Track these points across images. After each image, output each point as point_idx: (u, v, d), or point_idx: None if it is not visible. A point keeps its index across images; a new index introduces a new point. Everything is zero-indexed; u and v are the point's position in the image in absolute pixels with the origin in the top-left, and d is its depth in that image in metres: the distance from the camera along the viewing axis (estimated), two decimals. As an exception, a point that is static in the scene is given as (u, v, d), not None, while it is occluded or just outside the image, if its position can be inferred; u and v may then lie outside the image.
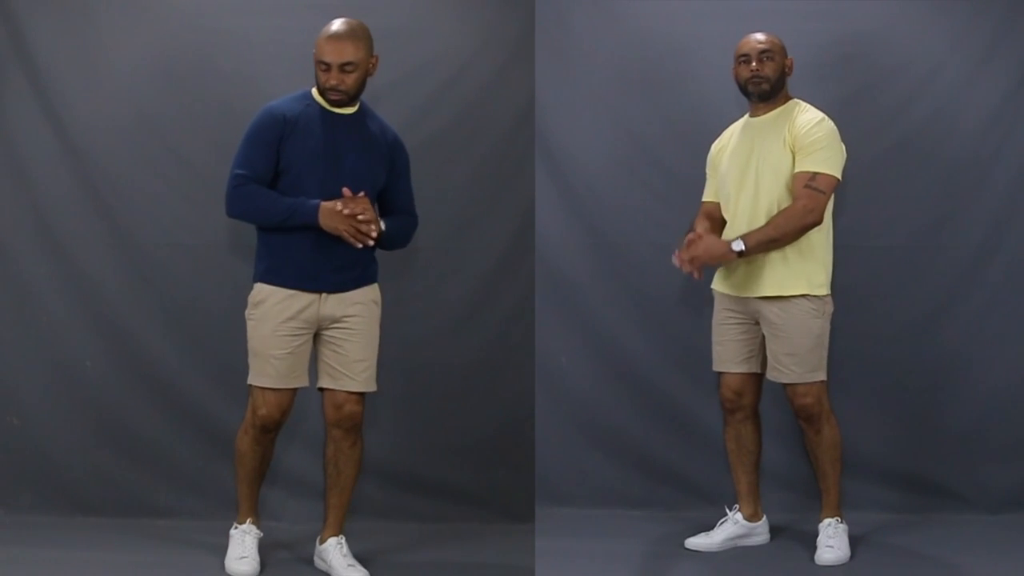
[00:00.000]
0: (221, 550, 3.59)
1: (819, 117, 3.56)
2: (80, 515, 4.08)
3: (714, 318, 3.78)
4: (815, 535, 3.65)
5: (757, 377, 3.74)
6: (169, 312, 4.17)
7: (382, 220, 3.43)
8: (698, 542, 3.77)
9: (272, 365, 3.38)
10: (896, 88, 4.15)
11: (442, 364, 4.23)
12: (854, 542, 3.67)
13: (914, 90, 4.15)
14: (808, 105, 3.63)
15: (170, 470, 4.16)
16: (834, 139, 3.53)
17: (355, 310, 3.44)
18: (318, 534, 3.57)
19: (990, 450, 4.14)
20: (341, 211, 3.32)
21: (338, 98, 3.37)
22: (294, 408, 3.50)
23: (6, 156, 4.15)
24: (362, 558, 3.53)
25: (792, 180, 3.53)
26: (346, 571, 3.43)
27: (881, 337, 4.16)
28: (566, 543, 3.82)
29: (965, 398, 4.17)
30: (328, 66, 3.33)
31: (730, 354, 3.73)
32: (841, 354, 4.06)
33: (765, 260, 3.56)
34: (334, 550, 3.48)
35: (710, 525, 3.83)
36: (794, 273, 3.54)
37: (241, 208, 3.39)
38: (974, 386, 4.16)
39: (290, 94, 3.47)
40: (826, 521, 3.64)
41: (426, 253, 4.21)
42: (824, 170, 3.49)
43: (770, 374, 3.65)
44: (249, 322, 3.43)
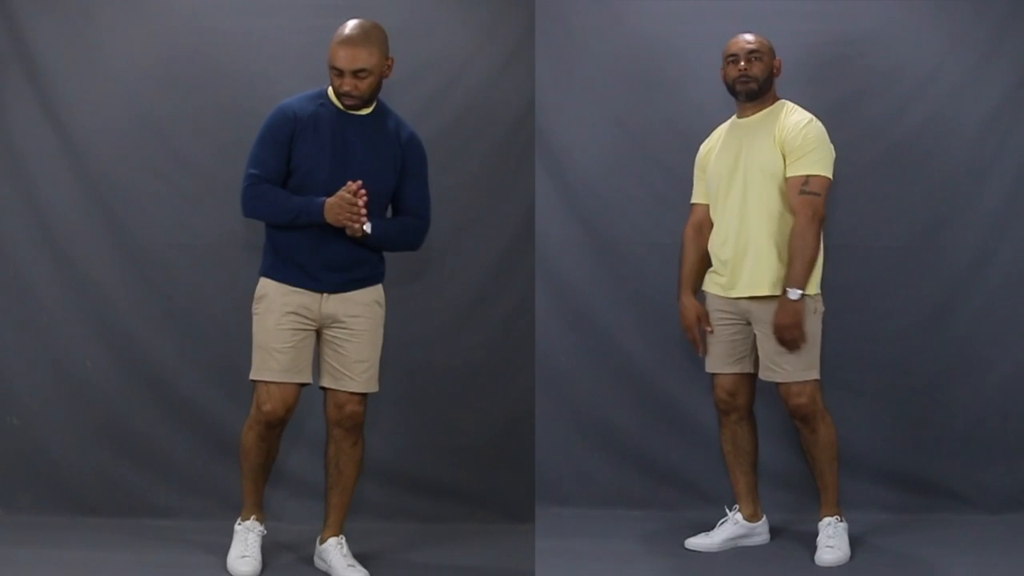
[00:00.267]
0: (221, 550, 3.59)
1: (808, 118, 3.56)
2: (80, 515, 4.07)
3: (707, 319, 3.78)
4: (815, 535, 3.65)
5: (750, 377, 3.74)
6: (170, 312, 4.17)
7: (369, 222, 3.34)
8: (698, 542, 3.77)
9: (275, 359, 3.37)
10: (896, 88, 4.15)
11: (442, 364, 4.23)
12: (854, 542, 3.66)
13: (914, 90, 4.15)
14: (796, 106, 3.63)
15: (170, 470, 4.16)
16: (823, 140, 3.54)
17: (357, 311, 3.43)
18: (318, 534, 3.57)
19: (990, 450, 4.15)
20: (339, 200, 3.28)
21: (352, 103, 3.35)
22: (297, 407, 3.50)
23: (6, 156, 4.15)
24: (362, 558, 3.53)
25: (786, 185, 3.54)
26: (346, 571, 3.44)
27: (881, 337, 4.16)
28: (566, 543, 3.82)
29: (965, 398, 4.17)
30: (341, 72, 3.29)
31: (722, 355, 3.73)
32: (841, 354, 4.06)
33: (755, 260, 3.57)
34: (334, 550, 3.49)
35: (710, 525, 3.83)
36: (781, 272, 3.54)
37: (253, 208, 3.39)
38: (974, 386, 4.16)
39: (306, 91, 3.45)
40: (826, 520, 3.64)
41: (426, 253, 4.19)
42: (816, 172, 3.50)
43: (763, 374, 3.64)
44: (254, 316, 3.43)
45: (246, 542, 3.50)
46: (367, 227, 3.32)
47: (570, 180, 4.28)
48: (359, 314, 3.43)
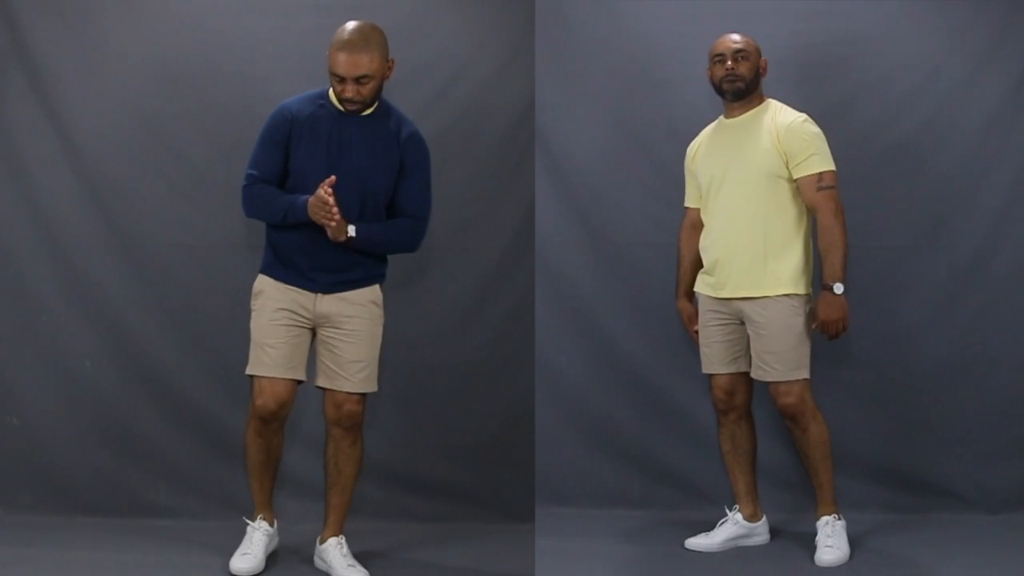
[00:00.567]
0: (221, 550, 3.59)
1: (801, 117, 3.58)
2: (80, 515, 4.07)
3: (699, 320, 3.79)
4: (815, 535, 3.64)
5: (747, 376, 3.73)
6: (169, 312, 4.17)
7: (352, 225, 3.31)
8: (698, 542, 3.77)
9: (267, 354, 3.39)
10: (896, 88, 4.15)
11: (442, 364, 4.23)
12: (853, 542, 3.66)
13: (914, 90, 4.15)
14: (783, 105, 3.65)
15: (170, 470, 4.16)
16: (820, 135, 3.58)
17: (351, 311, 3.42)
18: (318, 534, 3.57)
19: (990, 450, 4.15)
20: (315, 198, 3.25)
21: (354, 108, 3.34)
22: (295, 407, 3.50)
23: (6, 156, 4.15)
24: (362, 558, 3.53)
25: (798, 185, 3.55)
26: (346, 571, 3.44)
27: (881, 337, 4.16)
28: (566, 543, 3.82)
29: (965, 398, 4.17)
30: (343, 79, 3.27)
31: (717, 356, 3.74)
32: (841, 354, 4.07)
33: (747, 260, 3.57)
34: (334, 550, 3.49)
35: (710, 525, 3.83)
36: (774, 272, 3.56)
37: (248, 208, 3.42)
38: (974, 386, 4.16)
39: (308, 91, 3.45)
40: (823, 519, 3.64)
41: (426, 253, 4.19)
42: (826, 167, 3.54)
43: (754, 373, 3.65)
44: (252, 312, 3.45)
45: (251, 541, 3.50)
46: (351, 230, 3.31)
47: (570, 180, 4.28)
48: (353, 314, 3.42)
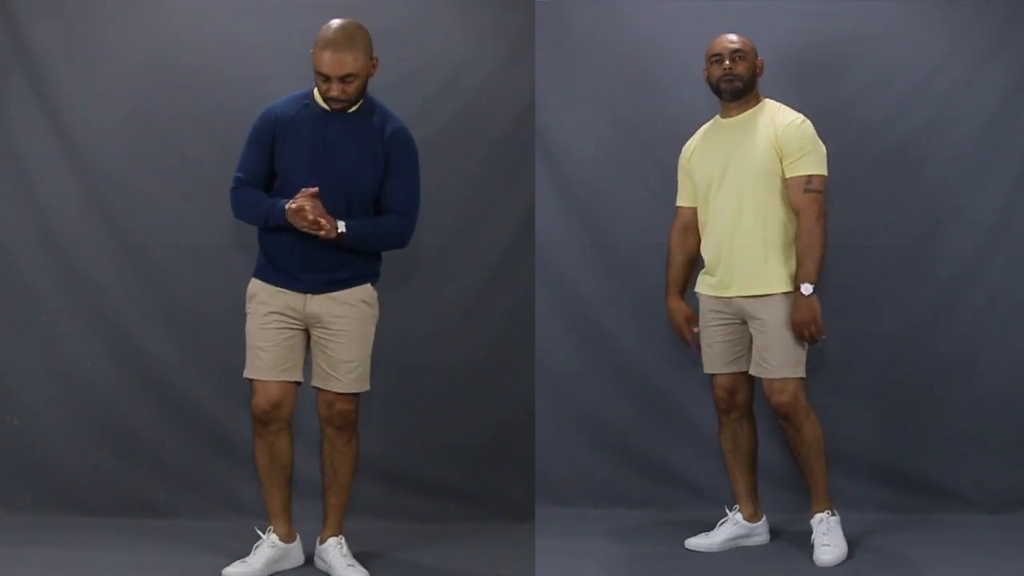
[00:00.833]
0: (221, 550, 3.60)
1: (800, 118, 3.58)
2: (80, 515, 4.07)
3: (700, 321, 3.78)
4: (811, 533, 3.65)
5: (748, 376, 3.72)
6: (169, 312, 4.17)
7: (342, 222, 3.29)
8: (698, 542, 3.76)
9: (259, 357, 3.40)
10: (896, 88, 4.15)
11: (442, 364, 4.23)
12: (854, 542, 3.66)
13: (914, 90, 4.15)
14: (782, 105, 3.64)
15: (170, 470, 4.16)
16: (817, 139, 3.57)
17: (341, 311, 3.40)
18: (318, 534, 3.57)
19: (990, 450, 4.15)
20: (296, 206, 3.25)
21: (340, 107, 3.34)
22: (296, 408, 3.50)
23: (6, 156, 4.15)
24: (362, 558, 3.53)
25: (786, 184, 3.54)
26: (346, 571, 3.44)
27: (881, 337, 4.16)
28: (566, 543, 3.82)
29: (965, 398, 4.17)
30: (328, 78, 3.27)
31: (719, 355, 3.73)
32: (841, 354, 4.06)
33: (749, 259, 3.57)
34: (334, 550, 3.49)
35: (710, 525, 3.83)
36: (774, 270, 3.55)
37: (235, 211, 3.44)
38: (974, 386, 4.16)
39: (293, 92, 3.46)
40: (818, 516, 3.64)
41: (426, 253, 4.21)
42: (817, 171, 3.53)
43: (753, 369, 3.64)
44: (246, 316, 3.45)
45: (254, 550, 3.49)
46: (341, 227, 3.29)
47: (570, 180, 4.28)
48: (343, 314, 3.40)
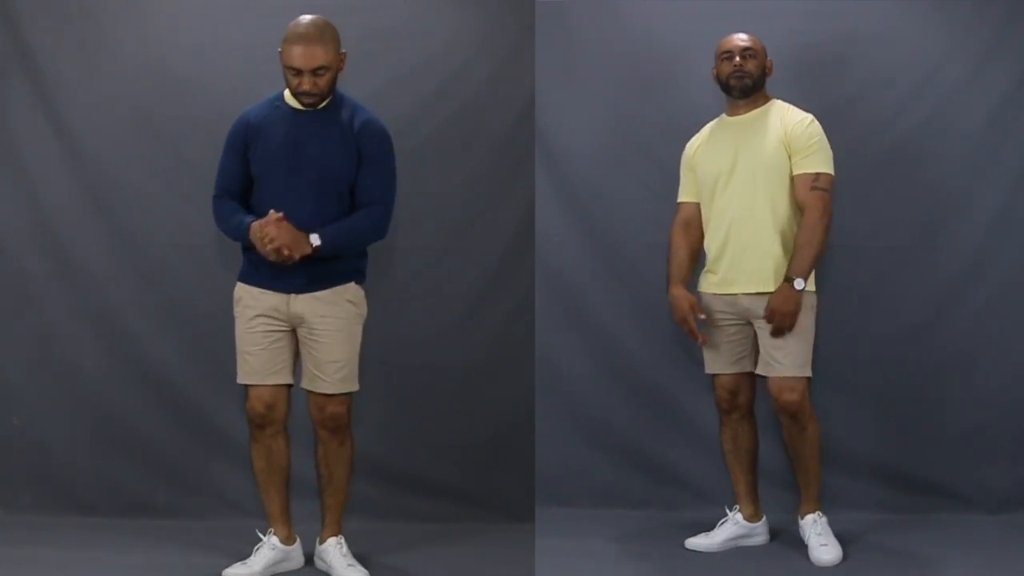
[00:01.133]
0: (221, 550, 3.60)
1: (809, 117, 3.58)
2: (80, 515, 4.08)
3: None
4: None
5: (751, 376, 3.73)
6: (169, 312, 4.17)
7: (315, 235, 3.26)
8: (698, 542, 3.77)
9: (247, 361, 3.41)
10: (896, 88, 4.15)
11: (442, 364, 4.22)
12: (853, 542, 3.67)
13: (914, 90, 4.15)
14: (790, 105, 3.64)
15: (170, 470, 4.16)
16: (824, 138, 3.58)
17: (325, 311, 3.38)
18: (317, 534, 3.57)
19: (990, 450, 4.14)
20: (254, 232, 3.28)
21: (311, 101, 3.33)
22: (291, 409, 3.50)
23: (6, 156, 4.15)
24: (362, 558, 3.53)
25: (794, 181, 3.54)
26: (346, 571, 3.44)
27: (880, 337, 4.16)
28: (566, 543, 3.82)
29: (965, 398, 4.16)
30: (299, 72, 3.27)
31: (723, 355, 3.72)
32: (841, 354, 4.06)
33: (758, 256, 3.56)
34: (333, 550, 3.49)
35: (710, 525, 3.83)
36: (783, 269, 3.53)
37: (216, 223, 3.47)
38: (974, 386, 4.16)
39: (268, 95, 3.46)
40: (809, 517, 3.65)
41: (426, 253, 4.21)
42: (824, 169, 3.53)
43: (761, 369, 3.63)
44: (235, 320, 3.47)
45: (255, 552, 3.49)
46: (314, 240, 3.28)
47: (570, 180, 4.28)
48: (327, 314, 3.38)
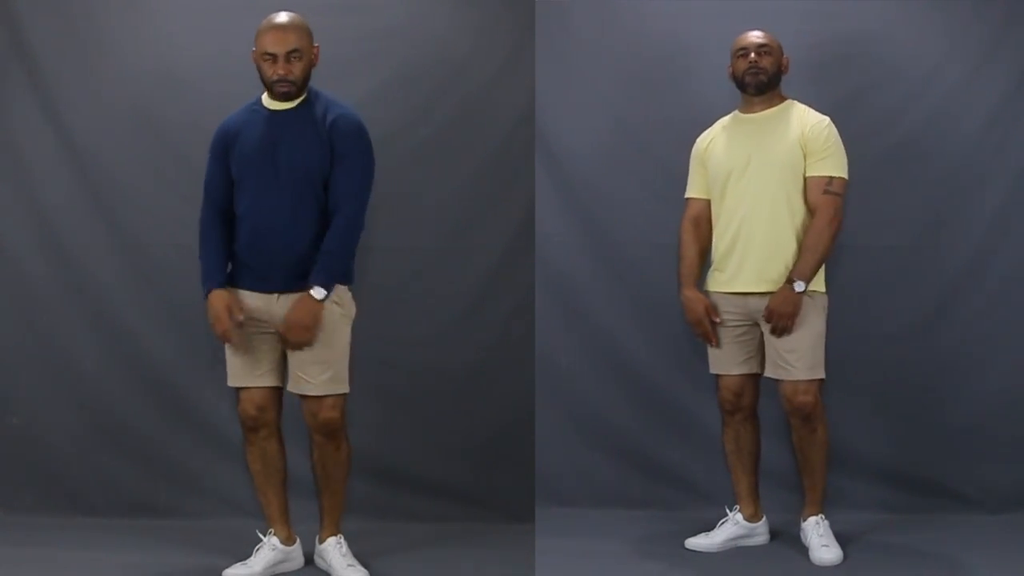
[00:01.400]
0: (221, 550, 3.60)
1: (827, 120, 3.57)
2: (80, 515, 4.08)
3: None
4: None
5: (756, 378, 3.72)
6: (169, 312, 4.17)
7: (316, 289, 3.24)
8: (698, 542, 3.76)
9: (232, 363, 3.42)
10: (896, 88, 4.15)
11: (442, 364, 4.22)
12: (854, 542, 3.67)
13: (914, 90, 4.15)
14: (807, 107, 3.63)
15: (170, 470, 4.16)
16: (840, 142, 3.57)
17: None
18: (316, 533, 3.56)
19: (990, 449, 4.14)
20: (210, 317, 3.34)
21: (287, 89, 3.32)
22: (287, 408, 3.49)
23: (6, 156, 4.15)
24: (362, 558, 3.53)
25: (807, 183, 3.54)
26: (346, 571, 3.43)
27: (881, 337, 4.16)
28: (566, 543, 3.82)
29: (965, 398, 4.16)
30: (274, 56, 3.28)
31: (729, 356, 3.71)
32: (841, 354, 4.05)
33: (765, 255, 3.55)
34: (333, 550, 3.48)
35: (710, 525, 3.83)
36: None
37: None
38: (974, 386, 4.16)
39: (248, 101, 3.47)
40: (812, 519, 3.65)
41: (426, 253, 4.21)
42: (839, 173, 3.53)
43: (772, 372, 3.62)
44: None
45: (255, 552, 3.49)
46: (317, 294, 3.27)
47: (570, 180, 4.28)
48: None
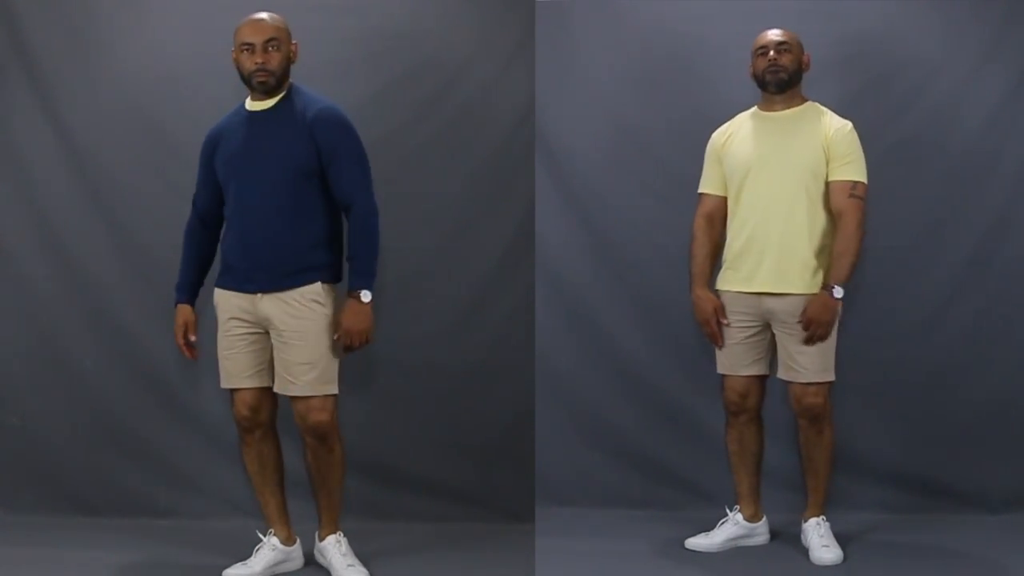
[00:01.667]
0: (221, 550, 3.60)
1: (849, 124, 3.56)
2: (80, 515, 4.08)
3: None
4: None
5: (763, 379, 3.70)
6: (169, 312, 4.14)
7: (363, 292, 3.27)
8: (698, 542, 3.76)
9: (222, 365, 3.43)
10: (896, 88, 4.15)
11: (442, 364, 4.22)
12: (854, 542, 3.67)
13: (914, 90, 4.15)
14: (827, 109, 3.62)
15: (170, 470, 4.16)
16: (860, 147, 3.56)
17: (292, 311, 3.33)
18: (316, 532, 3.55)
19: (990, 450, 4.14)
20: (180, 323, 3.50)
21: (264, 78, 3.31)
22: (284, 408, 3.48)
23: (6, 156, 4.16)
24: (362, 558, 3.52)
25: (830, 188, 3.52)
26: (345, 571, 3.42)
27: (881, 337, 4.16)
28: (566, 543, 3.82)
29: (965, 398, 4.16)
30: (252, 46, 3.29)
31: (737, 357, 3.67)
32: (840, 353, 4.04)
33: (784, 255, 3.52)
34: (333, 549, 3.47)
35: (710, 525, 3.83)
36: (812, 270, 3.52)
37: None
38: (974, 386, 4.16)
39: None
40: (813, 521, 3.65)
41: (426, 253, 4.21)
42: (862, 178, 3.52)
43: (785, 374, 3.60)
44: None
45: (255, 552, 3.49)
46: (364, 297, 3.29)
47: (570, 180, 4.28)
48: (294, 315, 3.32)
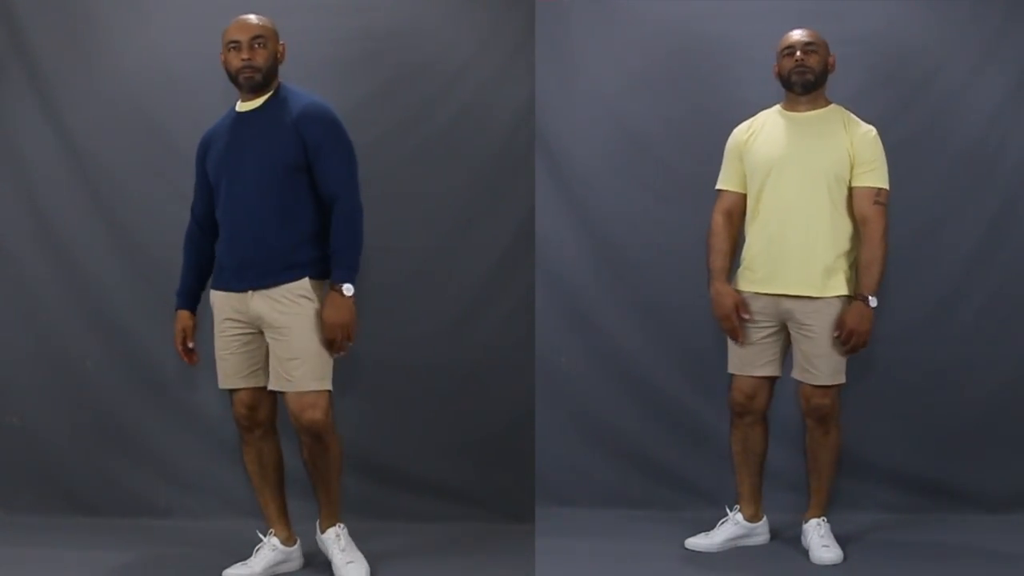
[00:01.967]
0: (221, 550, 3.60)
1: (874, 130, 3.56)
2: (80, 515, 4.08)
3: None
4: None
5: (772, 381, 3.68)
6: (169, 312, 4.14)
7: (345, 286, 3.24)
8: (698, 542, 3.76)
9: (219, 365, 3.43)
10: (896, 88, 4.15)
11: (442, 364, 4.22)
12: (854, 541, 3.67)
13: (914, 90, 4.15)
14: (851, 114, 3.61)
15: (170, 470, 4.17)
16: (883, 152, 3.56)
17: (281, 308, 3.32)
18: (316, 533, 3.53)
19: (990, 450, 4.15)
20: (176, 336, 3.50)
21: (251, 75, 3.32)
22: (283, 408, 3.47)
23: (6, 156, 4.16)
24: (362, 558, 3.53)
25: (854, 194, 3.52)
26: (345, 568, 3.39)
27: (881, 337, 4.13)
28: (566, 543, 3.81)
29: (965, 398, 4.17)
30: (238, 43, 3.30)
31: (749, 358, 3.65)
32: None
33: (803, 257, 3.51)
34: (333, 544, 3.45)
35: (710, 525, 3.83)
36: (833, 274, 3.51)
37: None
38: (974, 386, 4.16)
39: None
40: (814, 521, 3.65)
41: (426, 253, 4.21)
42: (885, 185, 3.52)
43: (799, 375, 3.58)
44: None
45: (255, 552, 3.49)
46: (347, 290, 3.27)
47: (570, 180, 4.28)
48: (284, 311, 3.31)
